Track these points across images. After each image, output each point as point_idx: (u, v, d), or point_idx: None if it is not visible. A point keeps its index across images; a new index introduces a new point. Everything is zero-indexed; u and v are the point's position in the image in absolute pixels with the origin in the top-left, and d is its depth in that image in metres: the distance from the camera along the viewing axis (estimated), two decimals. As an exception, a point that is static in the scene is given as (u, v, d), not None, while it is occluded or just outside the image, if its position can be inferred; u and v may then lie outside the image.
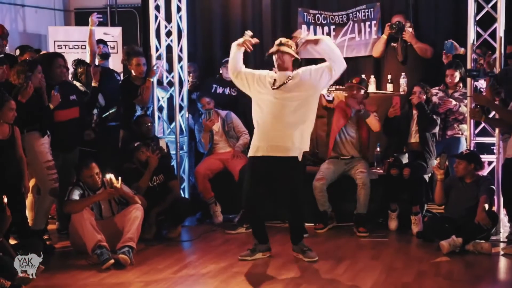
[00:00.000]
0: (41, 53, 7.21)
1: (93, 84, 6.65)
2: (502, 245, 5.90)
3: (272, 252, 5.66)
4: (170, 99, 7.67)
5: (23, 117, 5.63)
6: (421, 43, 7.39)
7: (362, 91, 6.70)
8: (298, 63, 5.50)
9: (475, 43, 6.42)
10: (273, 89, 5.32)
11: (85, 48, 8.22)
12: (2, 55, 6.08)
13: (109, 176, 5.75)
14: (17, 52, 6.96)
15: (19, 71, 5.72)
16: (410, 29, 7.36)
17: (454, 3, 7.70)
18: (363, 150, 6.76)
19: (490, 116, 6.08)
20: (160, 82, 7.66)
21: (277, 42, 5.56)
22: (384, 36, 7.50)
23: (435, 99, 6.84)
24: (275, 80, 5.38)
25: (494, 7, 6.38)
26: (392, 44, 7.51)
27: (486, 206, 5.75)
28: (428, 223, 6.29)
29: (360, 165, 6.60)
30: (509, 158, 5.60)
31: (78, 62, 7.02)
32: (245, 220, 6.56)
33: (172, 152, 7.36)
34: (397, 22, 7.36)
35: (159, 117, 7.56)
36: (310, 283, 4.98)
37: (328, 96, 6.96)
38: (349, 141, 6.72)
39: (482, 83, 6.52)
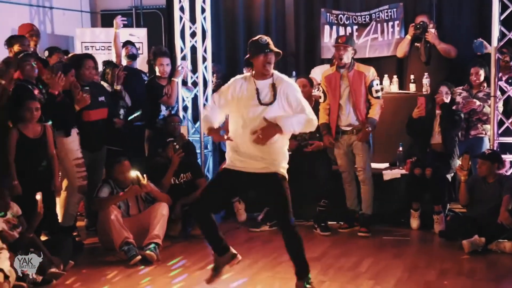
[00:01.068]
0: (72, 54, 7.31)
1: (115, 87, 6.73)
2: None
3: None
4: (195, 99, 7.73)
5: (54, 115, 5.75)
6: (444, 44, 7.35)
7: (350, 49, 6.20)
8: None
9: (499, 42, 6.41)
10: None
11: (111, 49, 8.34)
12: (28, 52, 6.16)
13: (136, 173, 5.84)
14: (46, 53, 7.06)
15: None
16: (433, 30, 7.32)
17: (477, 3, 7.64)
18: (359, 117, 6.25)
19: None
20: (184, 82, 7.71)
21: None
22: (409, 37, 7.48)
23: (458, 98, 6.79)
24: None
25: (520, 7, 6.36)
26: (416, 44, 7.48)
27: (510, 205, 5.75)
28: (451, 223, 6.29)
29: (359, 157, 6.31)
30: None
31: (107, 63, 7.12)
32: (268, 218, 6.63)
33: (197, 151, 7.42)
34: (421, 22, 7.34)
35: (184, 117, 7.62)
36: (333, 280, 5.01)
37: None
38: (344, 109, 6.29)
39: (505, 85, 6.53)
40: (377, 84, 6.27)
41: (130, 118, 6.89)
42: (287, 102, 4.42)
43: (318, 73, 7.67)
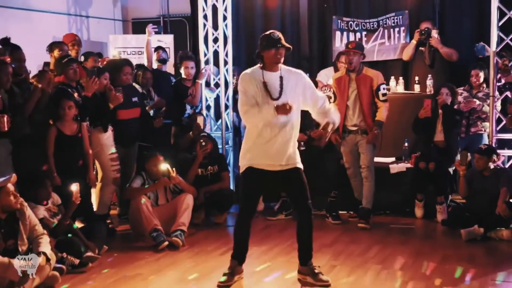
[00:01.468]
0: (109, 59, 7.36)
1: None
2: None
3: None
4: (217, 99, 7.77)
5: (89, 115, 5.79)
6: (447, 48, 7.27)
7: (358, 54, 6.06)
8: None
9: (497, 47, 6.36)
10: None
11: (141, 54, 8.40)
12: (71, 56, 6.21)
13: (166, 166, 5.86)
14: (82, 58, 7.11)
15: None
16: (436, 35, 7.26)
17: (478, 10, 7.58)
18: (366, 118, 6.12)
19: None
20: (208, 84, 7.74)
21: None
22: (414, 41, 7.40)
23: (460, 98, 6.77)
24: None
25: (517, 13, 6.31)
26: (420, 48, 7.42)
27: (507, 197, 5.69)
28: (452, 213, 6.28)
29: (364, 156, 6.18)
30: None
31: (138, 66, 7.16)
32: (284, 208, 6.63)
33: (219, 146, 7.43)
34: (426, 29, 7.27)
35: (207, 115, 7.65)
36: (343, 264, 5.00)
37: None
38: (352, 110, 6.17)
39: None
40: (383, 88, 6.13)
41: (153, 114, 6.93)
42: (299, 91, 4.36)
43: (323, 75, 7.66)
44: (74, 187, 5.03)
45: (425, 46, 7.37)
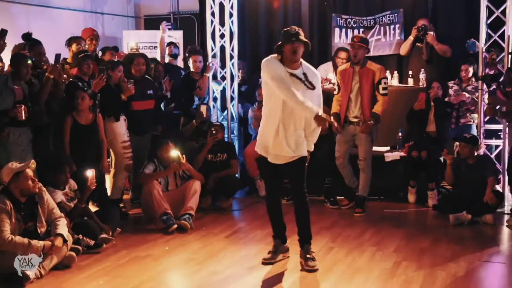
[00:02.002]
0: (129, 52, 7.33)
1: (165, 92, 6.70)
2: (506, 217, 5.79)
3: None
4: (223, 91, 7.72)
5: (103, 105, 5.76)
6: (441, 45, 7.16)
7: (363, 48, 5.92)
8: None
9: (486, 43, 6.31)
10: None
11: (152, 48, 8.37)
12: (87, 52, 6.17)
13: (177, 153, 5.83)
14: (100, 53, 7.09)
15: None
16: (432, 32, 7.16)
17: (468, 8, 7.51)
18: (365, 114, 5.98)
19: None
20: (215, 77, 7.70)
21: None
22: (411, 38, 7.28)
23: (450, 91, 6.74)
24: None
25: (503, 12, 6.27)
26: (417, 44, 7.30)
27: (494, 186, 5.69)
28: (442, 199, 6.26)
29: (362, 148, 6.05)
30: None
31: (151, 60, 7.12)
32: (285, 194, 6.58)
33: (225, 135, 7.40)
34: (423, 26, 7.17)
35: (213, 106, 7.61)
36: (341, 246, 4.99)
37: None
38: (353, 102, 6.02)
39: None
40: (385, 83, 5.96)
41: (165, 108, 6.90)
42: (317, 92, 4.32)
43: (322, 70, 7.58)
44: (90, 173, 5.02)
45: (422, 42, 7.26)
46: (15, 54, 5.32)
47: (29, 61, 5.13)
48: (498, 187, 6.08)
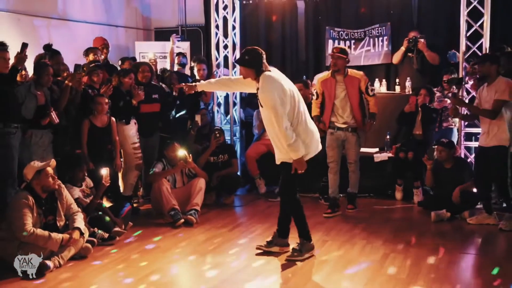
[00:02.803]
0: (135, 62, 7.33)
1: (174, 93, 6.65)
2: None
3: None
4: (226, 97, 7.71)
5: (114, 109, 5.75)
6: (431, 52, 7.09)
7: (343, 58, 5.69)
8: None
9: (465, 54, 6.31)
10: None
11: (162, 58, 8.35)
12: (99, 62, 6.17)
13: (183, 153, 5.82)
14: (119, 62, 7.08)
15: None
16: (422, 40, 7.08)
17: (449, 22, 7.48)
18: (357, 120, 5.83)
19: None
20: (219, 84, 7.67)
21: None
22: (403, 48, 7.22)
23: (434, 98, 6.72)
24: None
25: (481, 25, 6.28)
26: (409, 54, 7.24)
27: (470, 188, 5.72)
28: (426, 197, 6.23)
29: (351, 151, 5.89)
30: (482, 147, 5.42)
31: (163, 70, 7.12)
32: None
33: (227, 138, 7.39)
34: (413, 37, 7.12)
35: (217, 111, 7.60)
36: (334, 240, 4.98)
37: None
38: (341, 109, 5.81)
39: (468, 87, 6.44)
40: (370, 85, 5.92)
41: (178, 115, 6.89)
42: None
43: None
44: (104, 171, 5.01)
45: (413, 53, 7.21)
46: (37, 63, 5.33)
47: (51, 69, 5.14)
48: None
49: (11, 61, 4.76)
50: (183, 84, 4.94)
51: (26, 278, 4.02)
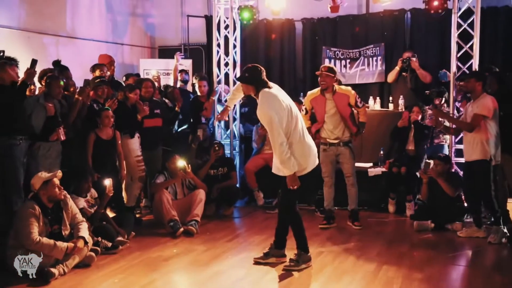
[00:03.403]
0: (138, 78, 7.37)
1: (176, 108, 6.68)
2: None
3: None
4: (227, 113, 7.71)
5: (119, 123, 5.75)
6: (423, 70, 7.11)
7: (331, 76, 5.61)
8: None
9: (456, 74, 6.35)
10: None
11: (165, 75, 8.39)
12: (104, 78, 6.19)
13: (183, 163, 5.82)
14: (124, 78, 7.11)
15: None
16: (415, 59, 7.11)
17: (440, 43, 7.57)
18: (350, 128, 5.75)
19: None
20: (219, 100, 7.70)
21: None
22: (397, 68, 7.23)
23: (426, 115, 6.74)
24: None
25: (471, 47, 6.33)
26: (403, 74, 7.25)
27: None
28: (418, 210, 6.17)
29: (347, 165, 5.80)
30: (467, 161, 5.43)
31: (166, 87, 7.15)
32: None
33: (227, 152, 7.40)
34: (407, 58, 7.13)
35: (218, 126, 7.61)
36: (329, 251, 4.96)
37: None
38: (332, 125, 5.73)
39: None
40: (358, 98, 5.79)
41: (179, 129, 6.91)
42: None
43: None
44: (107, 182, 5.01)
45: (406, 72, 7.23)
46: (49, 76, 5.25)
47: (62, 83, 5.15)
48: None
49: (21, 76, 4.78)
50: (218, 115, 4.88)
51: (32, 285, 3.99)
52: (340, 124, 5.73)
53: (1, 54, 4.37)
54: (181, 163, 5.81)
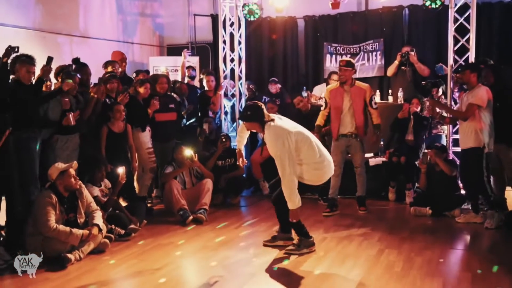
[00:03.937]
0: (152, 74, 7.37)
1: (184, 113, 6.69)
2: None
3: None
4: (233, 106, 7.72)
5: (130, 117, 5.74)
6: (421, 64, 7.04)
7: (349, 70, 5.71)
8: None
9: (453, 66, 6.30)
10: None
11: (173, 71, 8.39)
12: (114, 73, 6.17)
13: (190, 152, 5.83)
14: (134, 74, 7.11)
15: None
16: (413, 53, 7.04)
17: (437, 37, 7.54)
18: (358, 127, 5.77)
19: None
20: (226, 95, 7.71)
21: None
22: (396, 62, 7.16)
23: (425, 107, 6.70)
24: None
25: (468, 40, 6.27)
26: (402, 67, 7.17)
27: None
28: (417, 198, 6.15)
29: (357, 156, 5.84)
30: (462, 149, 5.42)
31: (174, 82, 7.15)
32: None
33: (233, 144, 7.38)
34: (406, 52, 7.06)
35: (225, 119, 7.61)
36: (333, 236, 4.95)
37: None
38: (347, 117, 5.77)
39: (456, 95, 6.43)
40: (374, 98, 5.88)
41: (188, 123, 6.90)
42: None
43: (317, 90, 7.60)
44: (121, 170, 5.02)
45: (405, 66, 7.15)
46: (66, 72, 5.24)
47: (70, 81, 5.12)
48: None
49: (37, 73, 4.77)
50: (239, 163, 4.80)
51: (50, 270, 4.01)
52: (353, 117, 5.76)
53: (16, 50, 4.36)
54: (188, 152, 5.82)
